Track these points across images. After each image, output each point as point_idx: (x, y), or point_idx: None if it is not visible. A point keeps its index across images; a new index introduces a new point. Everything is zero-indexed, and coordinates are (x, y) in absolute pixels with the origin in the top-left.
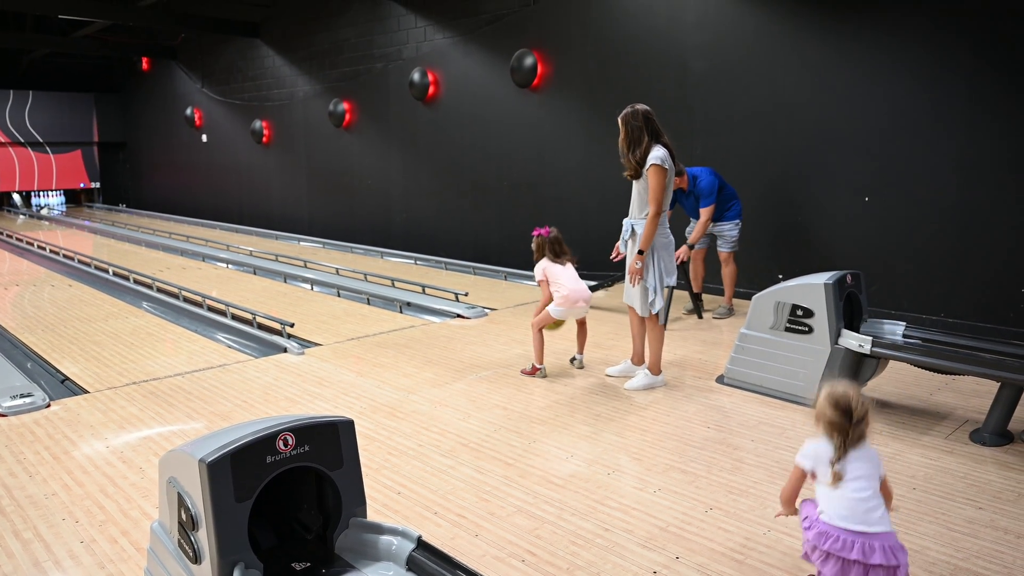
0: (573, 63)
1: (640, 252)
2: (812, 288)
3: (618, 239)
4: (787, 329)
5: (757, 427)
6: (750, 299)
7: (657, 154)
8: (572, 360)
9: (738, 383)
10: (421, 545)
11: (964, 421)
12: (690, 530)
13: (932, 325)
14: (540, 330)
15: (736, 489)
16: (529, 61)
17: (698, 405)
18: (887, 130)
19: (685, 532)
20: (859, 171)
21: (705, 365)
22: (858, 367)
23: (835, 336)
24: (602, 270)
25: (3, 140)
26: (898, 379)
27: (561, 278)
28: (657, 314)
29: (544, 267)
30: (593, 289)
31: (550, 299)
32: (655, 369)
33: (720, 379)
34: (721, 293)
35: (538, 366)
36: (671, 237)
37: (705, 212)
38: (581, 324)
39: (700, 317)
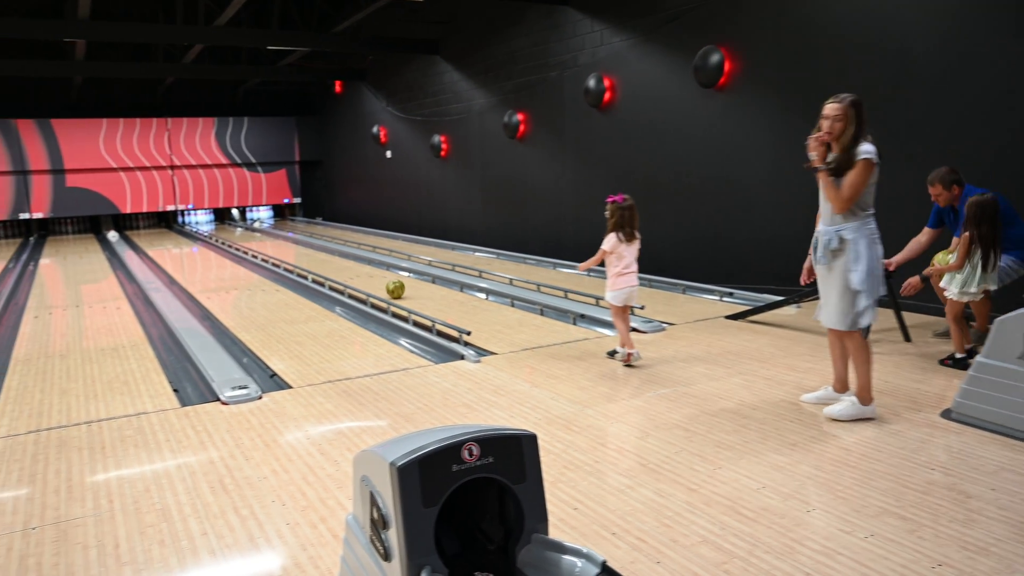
0: (766, 58)
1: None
2: None
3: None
4: None
5: (997, 473)
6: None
7: (870, 148)
8: (613, 353)
9: (972, 419)
10: (605, 570)
11: None
12: None
13: None
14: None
15: (972, 545)
16: (715, 58)
17: (918, 442)
18: None
19: None
20: None
21: (924, 396)
22: None
23: None
24: (792, 284)
25: (225, 162)
26: None
27: (624, 254)
28: (860, 331)
29: (613, 243)
30: (781, 305)
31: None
32: (864, 398)
33: (946, 413)
34: (931, 312)
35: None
36: (878, 239)
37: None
38: (626, 312)
39: (908, 340)
